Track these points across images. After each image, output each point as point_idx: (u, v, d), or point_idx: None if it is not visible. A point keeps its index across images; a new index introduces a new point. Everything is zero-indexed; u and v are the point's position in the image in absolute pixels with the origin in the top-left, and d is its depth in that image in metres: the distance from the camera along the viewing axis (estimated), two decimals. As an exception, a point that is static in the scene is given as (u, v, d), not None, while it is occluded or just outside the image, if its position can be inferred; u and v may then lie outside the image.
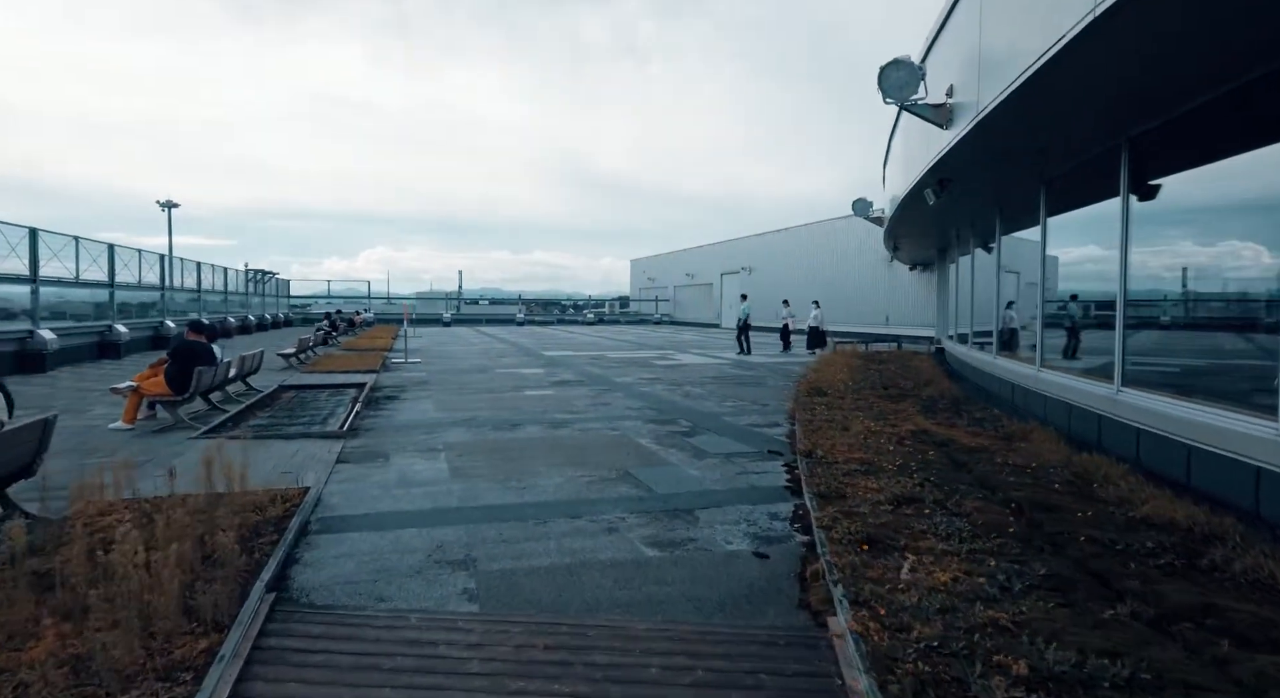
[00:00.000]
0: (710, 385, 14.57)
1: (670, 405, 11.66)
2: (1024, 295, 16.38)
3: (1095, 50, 5.03)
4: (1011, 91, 6.02)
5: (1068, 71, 5.45)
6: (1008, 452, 7.45)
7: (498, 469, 7.15)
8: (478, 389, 13.81)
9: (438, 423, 9.92)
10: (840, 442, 7.79)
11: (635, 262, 70.81)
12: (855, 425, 8.84)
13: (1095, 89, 5.96)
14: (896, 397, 11.83)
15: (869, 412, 10.03)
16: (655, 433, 9.15)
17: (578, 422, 10.03)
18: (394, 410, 11.09)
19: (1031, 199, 10.24)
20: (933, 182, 9.59)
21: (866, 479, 6.17)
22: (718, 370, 17.82)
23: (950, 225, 15.19)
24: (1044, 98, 6.12)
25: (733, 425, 9.76)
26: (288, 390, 13.48)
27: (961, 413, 10.15)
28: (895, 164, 13.56)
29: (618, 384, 14.69)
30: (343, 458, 7.66)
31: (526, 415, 10.57)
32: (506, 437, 8.89)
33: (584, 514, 5.63)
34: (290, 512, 5.35)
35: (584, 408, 11.35)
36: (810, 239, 38.39)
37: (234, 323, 32.67)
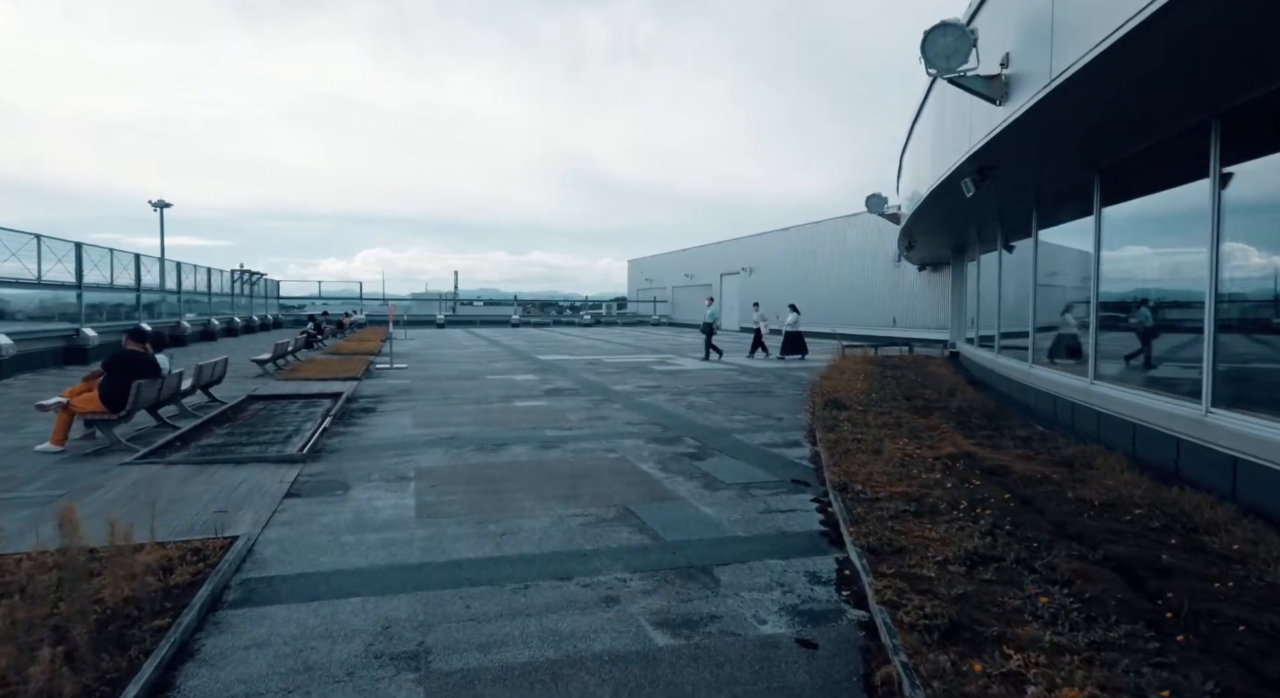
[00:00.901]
0: (716, 394, 13.45)
1: (674, 419, 10.54)
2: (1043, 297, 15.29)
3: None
4: (1099, 54, 4.91)
5: (1180, 21, 4.34)
6: (1075, 483, 6.33)
7: (474, 506, 6.02)
8: (464, 399, 12.68)
9: (414, 442, 8.79)
10: (875, 469, 6.68)
11: (633, 262, 69.69)
12: (887, 446, 7.74)
13: (1198, 52, 4.87)
14: (923, 409, 10.73)
15: (898, 429, 8.93)
16: (659, 455, 8.03)
17: (571, 440, 8.90)
18: (367, 426, 9.95)
19: (1079, 189, 9.14)
20: (972, 170, 8.49)
21: (921, 524, 5.05)
22: (722, 377, 16.70)
23: (975, 222, 14.09)
24: (1139, 59, 5.01)
25: (746, 446, 8.64)
26: (256, 402, 12.33)
27: (1002, 430, 9.04)
28: (919, 154, 12.46)
29: (615, 393, 13.57)
30: (295, 490, 6.53)
31: (514, 432, 9.44)
32: (489, 460, 7.76)
33: (575, 575, 4.50)
34: (202, 576, 4.21)
35: (578, 423, 10.22)
36: (813, 239, 37.29)
37: (218, 325, 31.48)
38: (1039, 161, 8.20)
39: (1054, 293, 13.23)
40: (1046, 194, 10.24)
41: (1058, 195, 10.10)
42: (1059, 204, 10.15)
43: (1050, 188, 9.86)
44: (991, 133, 7.18)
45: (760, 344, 22.91)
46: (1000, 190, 9.15)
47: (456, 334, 40.72)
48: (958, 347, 19.92)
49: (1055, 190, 9.91)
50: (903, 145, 15.38)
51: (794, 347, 21.91)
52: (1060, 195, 10.06)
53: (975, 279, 15.86)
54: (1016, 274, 13.20)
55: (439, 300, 60.10)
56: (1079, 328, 9.89)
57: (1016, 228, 12.53)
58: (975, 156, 7.95)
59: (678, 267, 56.81)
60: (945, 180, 9.41)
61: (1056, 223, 10.37)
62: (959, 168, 8.56)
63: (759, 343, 22.97)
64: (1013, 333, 13.29)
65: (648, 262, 64.84)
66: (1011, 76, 6.47)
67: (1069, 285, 12.00)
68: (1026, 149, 7.67)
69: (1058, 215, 10.31)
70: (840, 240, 34.87)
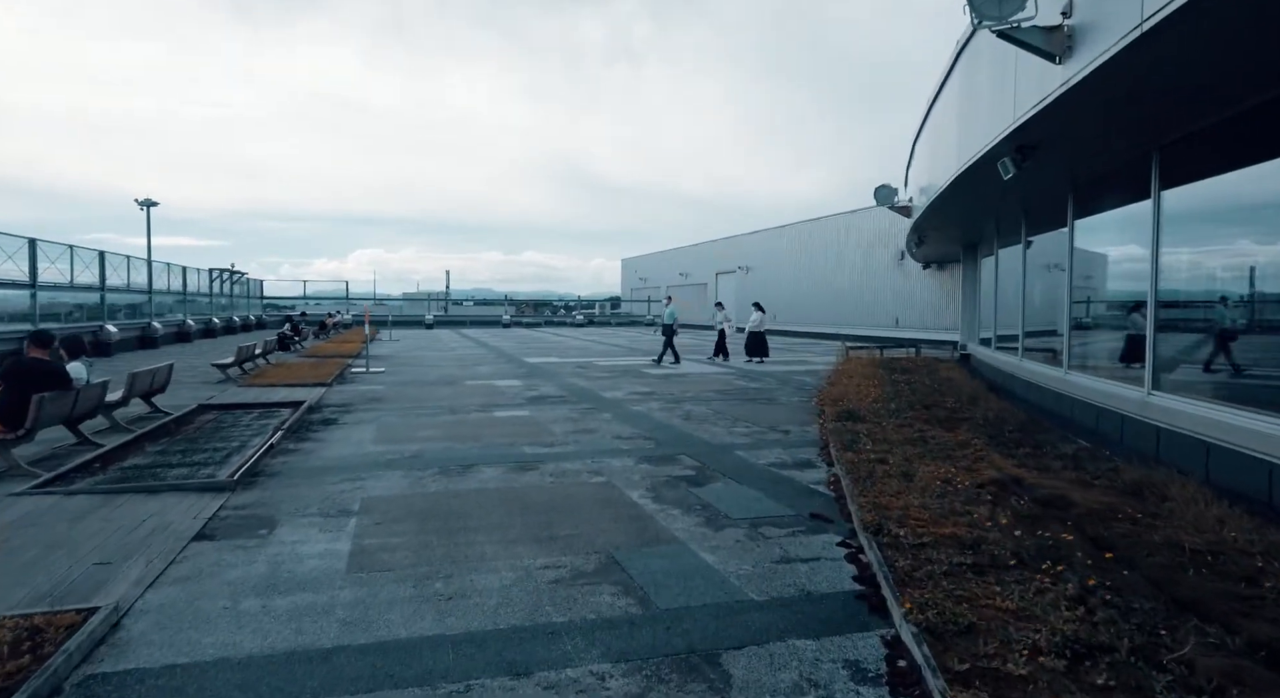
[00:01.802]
0: (714, 402, 12.32)
1: (669, 432, 9.40)
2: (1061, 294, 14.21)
3: None
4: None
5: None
6: (1156, 521, 5.22)
7: (423, 553, 4.87)
8: (438, 408, 11.52)
9: (370, 462, 7.64)
10: (910, 501, 5.56)
11: (627, 261, 68.50)
12: (918, 469, 6.63)
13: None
14: (946, 421, 9.62)
15: (924, 445, 7.82)
16: (652, 480, 6.89)
17: (552, 460, 7.76)
18: (322, 442, 8.79)
19: (1127, 171, 8.05)
20: (1010, 149, 7.39)
21: (986, 586, 3.92)
22: (720, 382, 15.57)
23: (1000, 212, 12.99)
24: None
25: (751, 466, 7.51)
26: (206, 412, 11.15)
27: (1042, 447, 7.93)
28: (939, 139, 11.36)
29: (605, 401, 12.42)
30: (209, 529, 5.37)
31: (488, 449, 8.29)
32: (453, 487, 6.60)
33: (537, 667, 3.36)
34: (15, 681, 3.06)
35: (562, 437, 9.07)
36: (812, 236, 36.19)
37: (195, 326, 30.25)
38: (1093, 136, 7.09)
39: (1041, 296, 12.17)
40: (1085, 178, 9.14)
41: (1097, 179, 9.00)
42: (1098, 190, 9.05)
43: (1091, 170, 8.76)
44: (1044, 100, 6.06)
45: (722, 348, 21.27)
46: (1040, 173, 8.04)
47: (444, 335, 39.51)
48: (969, 348, 18.84)
49: (1097, 173, 8.81)
50: (915, 133, 14.27)
51: (756, 348, 20.45)
52: (1100, 179, 8.97)
53: (992, 276, 14.77)
54: (1042, 271, 12.11)
55: (428, 300, 58.86)
56: (1116, 330, 8.80)
57: (1045, 218, 11.43)
58: (1019, 132, 6.84)
59: (672, 266, 55.69)
60: (975, 163, 8.29)
61: (1095, 211, 9.27)
62: (995, 147, 7.45)
63: (721, 345, 21.32)
64: (1034, 333, 12.20)
65: (642, 261, 63.67)
66: (1076, 28, 5.36)
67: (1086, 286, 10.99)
68: (1082, 120, 6.56)
69: (1096, 203, 9.20)
70: (840, 238, 33.78)
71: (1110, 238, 9.29)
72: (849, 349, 20.82)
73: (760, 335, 20.55)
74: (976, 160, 8.20)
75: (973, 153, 8.28)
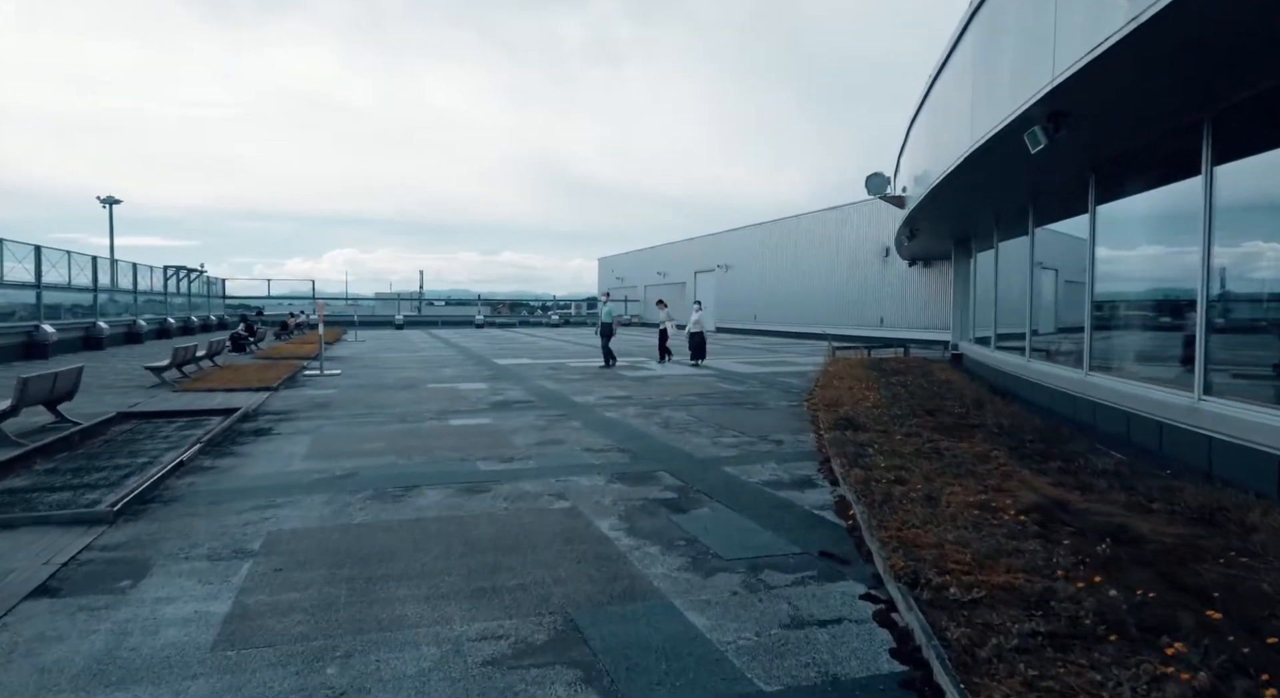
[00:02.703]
0: (696, 408, 11.23)
1: (646, 444, 8.30)
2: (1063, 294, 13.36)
3: None
4: None
5: None
6: (1251, 561, 4.20)
7: (324, 617, 3.71)
8: (389, 416, 10.32)
9: (292, 484, 6.45)
10: (943, 536, 4.51)
11: (604, 260, 67.27)
12: (939, 489, 5.59)
13: None
14: (955, 428, 8.62)
15: (939, 459, 6.79)
16: (626, 505, 5.77)
17: (509, 479, 6.62)
18: (244, 458, 7.58)
19: (1162, 146, 7.09)
20: (1042, 116, 6.38)
21: (1085, 677, 2.86)
22: (701, 384, 14.49)
23: (1004, 199, 12.03)
24: None
25: (743, 486, 6.42)
26: (124, 421, 9.87)
27: (1073, 461, 6.93)
28: (944, 114, 10.34)
29: (576, 407, 11.29)
30: (54, 582, 4.17)
31: (436, 466, 7.14)
32: (384, 518, 5.44)
33: None
34: None
35: (524, 450, 7.93)
36: (794, 233, 35.25)
37: (147, 326, 28.68)
38: (1141, 98, 6.09)
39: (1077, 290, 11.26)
40: (1108, 156, 8.17)
41: (1122, 159, 8.04)
42: (1123, 170, 8.09)
43: (1119, 146, 7.78)
44: (1094, 51, 5.03)
45: (664, 347, 19.67)
46: (1065, 148, 7.03)
47: (414, 336, 38.12)
48: (961, 348, 17.94)
49: (1124, 150, 7.84)
50: (910, 118, 13.30)
51: (696, 349, 18.83)
52: (1124, 159, 8.01)
53: (992, 271, 13.83)
54: (1039, 269, 11.18)
55: (397, 300, 57.32)
56: (1147, 329, 7.84)
57: (1056, 205, 10.49)
58: (1056, 93, 5.82)
59: (650, 264, 54.59)
60: (995, 136, 7.27)
61: (1122, 194, 8.30)
62: (1023, 114, 6.44)
63: (663, 346, 19.70)
64: (1075, 331, 11.26)
65: (619, 259, 62.50)
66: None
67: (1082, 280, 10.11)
68: (1135, 75, 5.54)
69: (1120, 186, 8.24)
70: (823, 235, 32.87)
71: (1134, 229, 8.34)
72: (835, 349, 19.85)
73: (699, 336, 19.01)
74: (998, 133, 7.18)
75: (992, 124, 7.26)
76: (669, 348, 19.75)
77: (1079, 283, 11.54)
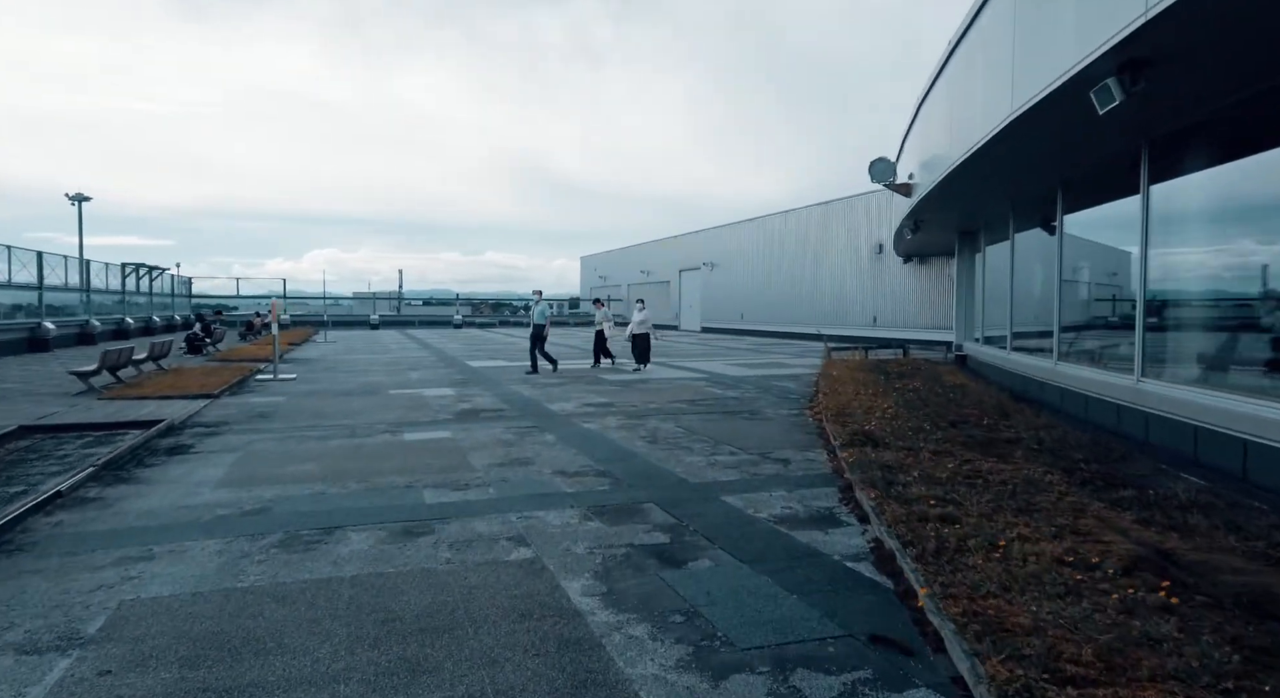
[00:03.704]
0: (687, 417, 9.98)
1: (630, 464, 7.03)
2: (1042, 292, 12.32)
3: None
4: None
5: None
6: None
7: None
8: (335, 429, 8.98)
9: (185, 523, 5.13)
10: (1038, 610, 3.30)
11: (586, 259, 65.88)
12: (1003, 530, 4.40)
13: None
14: (989, 444, 7.44)
15: (985, 487, 5.60)
16: (603, 556, 4.50)
17: (459, 516, 5.33)
18: (143, 485, 6.25)
19: (1235, 111, 5.92)
20: (1111, 67, 5.17)
21: None
22: (690, 391, 13.24)
23: (1021, 186, 10.88)
24: None
25: (751, 524, 5.17)
26: (25, 436, 8.49)
27: (1145, 488, 5.74)
28: (971, 82, 9.13)
29: (551, 417, 10.00)
30: None
31: (371, 498, 5.83)
32: (283, 580, 4.14)
33: None
34: None
35: (483, 474, 6.64)
36: (782, 230, 34.09)
37: (101, 327, 27.04)
38: (1242, 43, 4.90)
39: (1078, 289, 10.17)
40: (1164, 128, 7.01)
41: (1189, 128, 6.88)
42: (1188, 140, 6.93)
43: (1201, 107, 6.60)
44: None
45: (603, 350, 18.00)
46: (1137, 105, 5.81)
47: (388, 336, 36.62)
48: (966, 348, 16.83)
49: (1198, 115, 6.68)
50: (920, 97, 12.12)
51: (639, 353, 17.07)
52: (1193, 128, 6.85)
53: (1002, 266, 12.67)
54: (1045, 265, 10.05)
55: (373, 300, 55.70)
56: (1217, 329, 6.68)
57: (1090, 189, 9.34)
58: (1143, 34, 4.62)
59: (634, 263, 53.29)
60: (1048, 97, 6.06)
61: (1182, 172, 7.14)
62: (1090, 66, 5.24)
63: (601, 348, 18.00)
64: (1056, 333, 10.12)
65: (602, 258, 61.15)
66: None
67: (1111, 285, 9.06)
68: (1238, 13, 4.35)
69: (1182, 160, 7.08)
70: (813, 231, 31.73)
71: (1195, 212, 7.18)
72: (831, 350, 18.70)
73: (644, 338, 17.18)
74: (1050, 94, 5.96)
75: (1043, 85, 6.05)
76: (609, 350, 18.06)
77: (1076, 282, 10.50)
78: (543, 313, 16.94)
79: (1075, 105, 5.93)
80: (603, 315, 18.54)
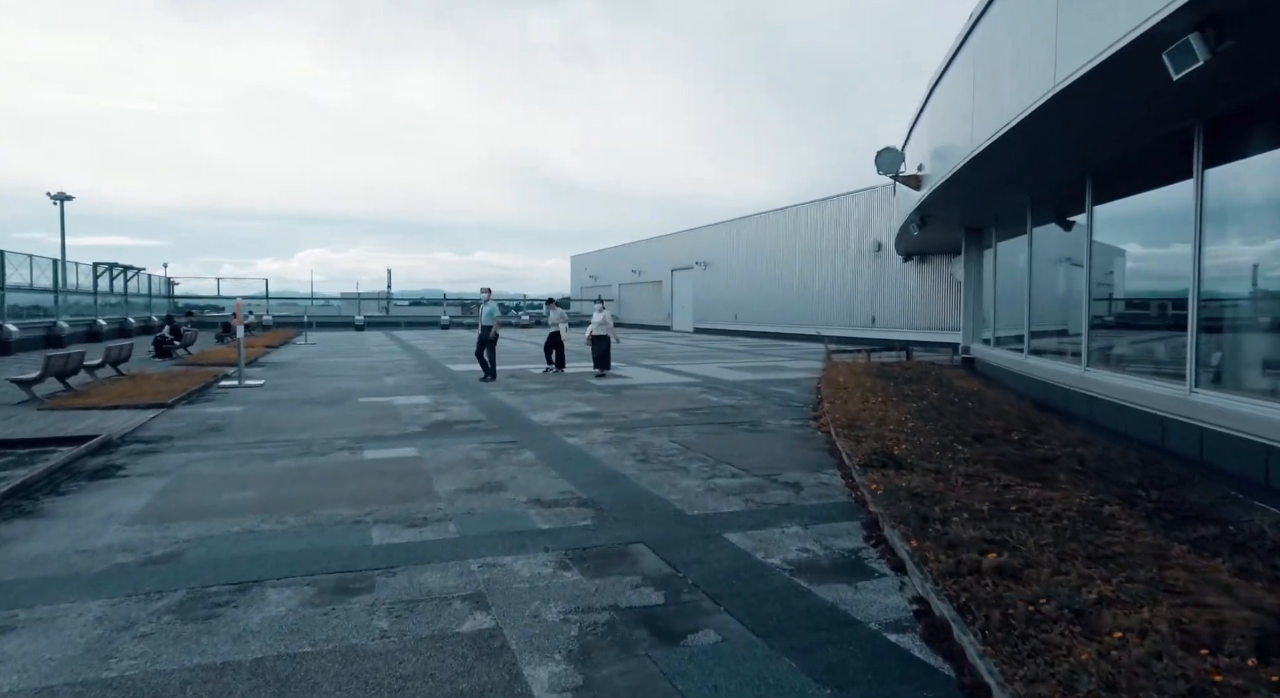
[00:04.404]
0: (681, 429, 9.08)
1: (618, 491, 6.12)
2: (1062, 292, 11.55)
3: None
4: None
5: None
6: None
7: None
8: (289, 446, 8.04)
9: (71, 575, 4.20)
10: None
11: (576, 258, 64.86)
12: (1078, 588, 3.51)
13: None
14: (1025, 465, 6.58)
15: (1036, 522, 4.73)
16: (580, 626, 3.59)
17: (406, 564, 4.41)
18: (42, 519, 5.30)
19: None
20: (1195, 17, 4.31)
21: None
22: (685, 397, 12.34)
23: (1044, 175, 10.01)
24: None
25: (764, 576, 4.26)
26: (-70, 457, 7.49)
27: (1226, 523, 4.87)
28: (1000, 54, 8.26)
29: (532, 430, 9.08)
30: None
31: (308, 538, 4.90)
32: (161, 667, 3.21)
33: None
34: None
35: (446, 504, 5.71)
36: (778, 228, 33.21)
37: (69, 329, 25.92)
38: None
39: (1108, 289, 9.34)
40: (1229, 102, 6.14)
41: (1246, 108, 6.03)
42: (1249, 117, 6.08)
43: (1255, 86, 5.74)
44: None
45: (557, 353, 16.63)
46: (1208, 72, 4.93)
47: (371, 338, 35.57)
48: (973, 351, 15.99)
49: (1253, 96, 5.82)
50: (932, 82, 11.24)
51: (601, 357, 15.85)
52: (1249, 108, 6.00)
53: (1014, 264, 11.81)
54: (1056, 265, 9.20)
55: (358, 300, 54.60)
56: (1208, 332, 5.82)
57: (1122, 175, 8.49)
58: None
59: (624, 262, 52.34)
60: (1103, 64, 5.18)
61: (1238, 155, 6.28)
62: (1165, 21, 4.37)
63: (555, 350, 16.62)
64: (1086, 336, 9.27)
65: (592, 257, 60.15)
66: None
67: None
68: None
69: (1244, 142, 6.22)
70: (809, 229, 30.88)
71: (1257, 202, 6.32)
72: (831, 353, 17.83)
73: (603, 341, 15.79)
74: (1107, 60, 5.09)
75: (1098, 49, 5.17)
76: (563, 355, 16.71)
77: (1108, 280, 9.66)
78: (490, 314, 15.39)
79: (1138, 72, 5.05)
80: (557, 316, 17.06)
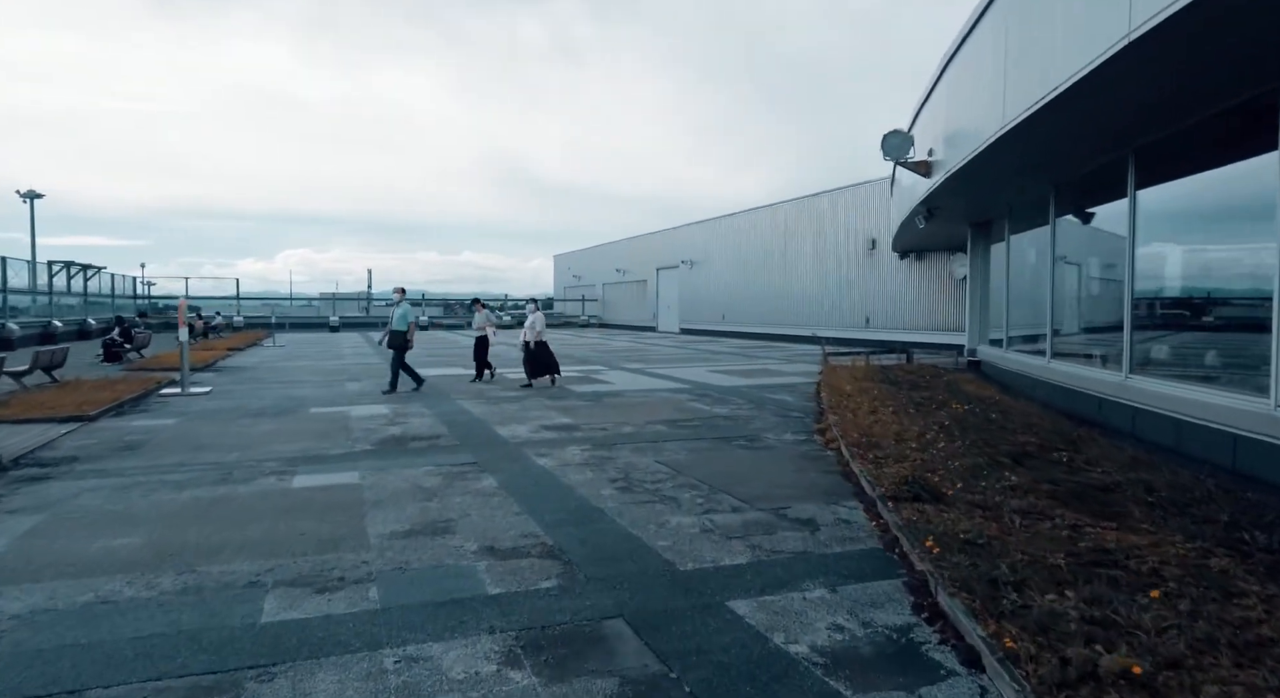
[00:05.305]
0: (669, 446, 7.93)
1: (592, 533, 4.95)
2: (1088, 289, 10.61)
3: None
4: None
5: None
6: None
7: None
8: (209, 470, 6.81)
9: None
10: None
11: (559, 257, 63.54)
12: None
13: None
14: (1082, 494, 5.49)
15: (1132, 579, 3.65)
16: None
17: (292, 664, 3.22)
18: None
19: None
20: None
21: None
22: (671, 405, 11.19)
23: (1082, 155, 8.94)
24: None
25: (785, 672, 3.11)
26: None
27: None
28: (1028, 29, 7.18)
29: (497, 447, 7.90)
30: None
31: (185, 608, 3.70)
32: None
33: None
34: None
35: (375, 556, 4.52)
36: (767, 225, 32.11)
37: (20, 331, 24.43)
38: None
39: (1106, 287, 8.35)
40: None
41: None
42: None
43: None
44: None
45: (483, 362, 14.88)
46: None
47: (345, 339, 34.14)
48: (980, 353, 14.96)
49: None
50: (947, 55, 10.14)
51: (539, 365, 13.75)
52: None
53: (1047, 258, 10.75)
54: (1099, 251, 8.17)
55: (333, 300, 53.08)
56: None
57: (1174, 154, 7.44)
58: None
59: (608, 261, 51.11)
60: (1175, 16, 4.08)
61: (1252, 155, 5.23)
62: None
63: (482, 359, 14.87)
64: (1128, 340, 8.23)
65: (576, 256, 58.87)
66: None
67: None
68: None
69: None
70: (800, 226, 29.81)
71: None
72: (829, 355, 16.75)
73: (540, 347, 13.70)
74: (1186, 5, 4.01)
75: None
76: (489, 362, 14.96)
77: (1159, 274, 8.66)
78: (404, 317, 13.34)
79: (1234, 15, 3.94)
80: (484, 319, 15.28)
